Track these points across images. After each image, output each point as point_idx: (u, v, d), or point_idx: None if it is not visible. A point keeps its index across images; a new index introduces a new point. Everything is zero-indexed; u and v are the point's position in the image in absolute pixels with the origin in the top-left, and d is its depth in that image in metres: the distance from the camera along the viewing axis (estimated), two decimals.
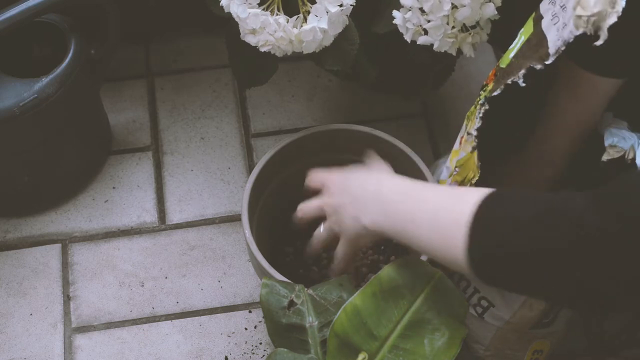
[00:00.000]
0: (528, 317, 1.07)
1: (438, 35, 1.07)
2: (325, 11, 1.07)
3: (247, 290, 1.29)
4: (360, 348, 0.97)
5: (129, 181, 1.39)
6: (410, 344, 0.98)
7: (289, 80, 1.50)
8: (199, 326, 1.26)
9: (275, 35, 1.07)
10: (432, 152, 1.42)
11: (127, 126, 1.45)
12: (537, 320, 1.08)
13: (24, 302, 1.28)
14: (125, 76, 1.49)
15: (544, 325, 1.09)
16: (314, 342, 1.01)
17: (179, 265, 1.31)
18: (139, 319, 1.26)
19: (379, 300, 0.98)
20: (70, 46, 1.26)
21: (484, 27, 1.09)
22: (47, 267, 1.31)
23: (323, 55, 1.12)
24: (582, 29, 0.83)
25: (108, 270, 1.31)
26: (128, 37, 1.39)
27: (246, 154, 1.42)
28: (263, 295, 1.02)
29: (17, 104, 1.20)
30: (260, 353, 1.24)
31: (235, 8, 1.07)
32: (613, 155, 0.94)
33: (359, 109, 1.46)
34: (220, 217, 1.36)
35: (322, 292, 1.03)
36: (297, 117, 1.46)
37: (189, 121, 1.45)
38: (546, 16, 0.93)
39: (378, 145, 1.20)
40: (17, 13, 1.17)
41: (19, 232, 1.34)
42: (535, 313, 1.06)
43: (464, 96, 1.47)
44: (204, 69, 1.51)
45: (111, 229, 1.35)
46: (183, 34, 1.54)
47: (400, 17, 1.08)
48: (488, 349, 1.13)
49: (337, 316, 0.98)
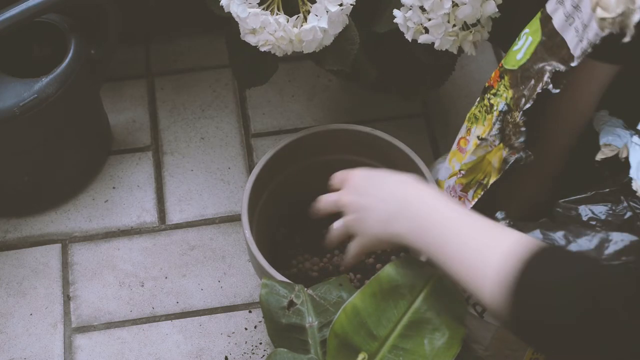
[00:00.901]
0: None
1: (439, 34, 1.07)
2: (325, 11, 1.07)
3: (247, 290, 1.29)
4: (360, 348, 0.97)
5: (129, 181, 1.39)
6: (410, 344, 0.98)
7: (289, 80, 1.50)
8: (199, 326, 1.26)
9: (275, 34, 1.07)
10: (432, 152, 1.42)
11: (127, 126, 1.45)
12: None
13: (24, 302, 1.28)
14: (125, 76, 1.49)
15: None
16: (314, 342, 1.01)
17: (179, 265, 1.31)
18: (139, 319, 1.26)
19: (378, 300, 0.98)
20: (70, 46, 1.26)
21: (484, 25, 1.09)
22: (47, 267, 1.31)
23: (323, 55, 1.12)
24: (608, 30, 0.83)
25: (108, 270, 1.31)
26: (128, 37, 1.39)
27: (246, 154, 1.42)
28: (263, 295, 1.02)
29: (17, 104, 1.20)
30: (260, 353, 1.24)
31: (235, 8, 1.07)
32: (607, 154, 0.94)
33: (359, 109, 1.46)
34: (220, 217, 1.36)
35: (322, 292, 1.03)
36: (297, 117, 1.46)
37: (189, 121, 1.45)
38: (557, 16, 0.93)
39: (378, 145, 1.20)
40: (17, 13, 1.17)
41: (19, 232, 1.34)
42: None
43: (464, 96, 1.47)
44: (204, 69, 1.51)
45: (111, 229, 1.35)
46: (183, 34, 1.54)
47: (401, 15, 1.08)
48: (488, 349, 1.13)
49: (337, 316, 0.98)
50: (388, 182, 0.96)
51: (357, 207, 0.97)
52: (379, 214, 0.94)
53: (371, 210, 0.95)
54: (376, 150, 1.21)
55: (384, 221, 0.93)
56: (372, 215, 0.95)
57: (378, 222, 0.94)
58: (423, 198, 0.91)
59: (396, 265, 0.99)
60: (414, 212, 0.90)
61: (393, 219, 0.91)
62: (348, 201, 0.99)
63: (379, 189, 0.95)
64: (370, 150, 1.21)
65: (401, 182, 0.95)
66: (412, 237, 0.90)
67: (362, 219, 0.96)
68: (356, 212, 0.97)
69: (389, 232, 0.92)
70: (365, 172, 1.00)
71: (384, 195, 0.94)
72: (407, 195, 0.92)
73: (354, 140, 1.21)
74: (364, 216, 0.96)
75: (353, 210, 0.98)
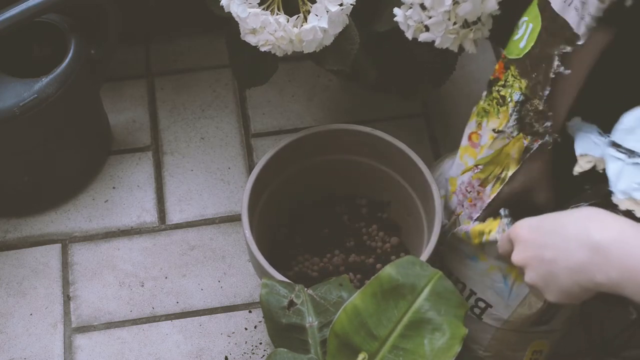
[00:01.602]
0: (527, 315, 1.07)
1: (440, 32, 1.07)
2: (325, 10, 1.07)
3: (247, 290, 1.29)
4: (360, 348, 0.97)
5: (129, 181, 1.39)
6: (410, 344, 0.98)
7: (289, 80, 1.50)
8: (199, 326, 1.26)
9: (275, 34, 1.07)
10: (432, 152, 1.42)
11: (127, 126, 1.44)
12: (536, 319, 1.08)
13: (24, 302, 1.28)
14: (125, 76, 1.49)
15: (543, 322, 1.09)
16: (314, 342, 1.01)
17: (179, 265, 1.31)
18: (139, 319, 1.26)
19: (379, 300, 0.98)
20: (70, 46, 1.26)
21: (485, 23, 1.09)
22: (47, 267, 1.31)
23: (323, 54, 1.12)
24: (609, 0, 0.84)
25: (108, 270, 1.31)
26: (128, 37, 1.39)
27: (246, 154, 1.42)
28: (263, 295, 1.02)
29: (17, 104, 1.20)
30: (260, 353, 1.24)
31: (235, 8, 1.07)
32: (584, 167, 0.93)
33: (359, 109, 1.46)
34: (220, 217, 1.36)
35: (322, 292, 1.03)
36: (297, 117, 1.46)
37: (189, 121, 1.45)
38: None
39: (378, 145, 1.20)
40: (17, 13, 1.17)
41: (19, 232, 1.34)
42: (534, 311, 1.06)
43: (464, 96, 1.47)
44: (204, 69, 1.51)
45: (111, 229, 1.35)
46: (183, 34, 1.54)
47: (401, 14, 1.08)
48: (487, 349, 1.13)
49: (337, 316, 0.98)
50: (564, 224, 0.82)
51: (538, 263, 0.84)
52: (567, 264, 0.80)
53: (556, 263, 0.82)
54: (376, 150, 1.21)
55: (577, 272, 0.80)
56: (559, 268, 0.81)
57: (570, 274, 0.80)
58: (615, 236, 0.78)
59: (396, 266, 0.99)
60: (613, 257, 0.77)
61: (586, 268, 0.79)
62: (524, 259, 0.86)
63: (557, 236, 0.82)
64: (370, 150, 1.21)
65: (579, 219, 0.81)
66: (622, 284, 0.76)
67: (549, 274, 0.83)
68: (539, 267, 0.84)
69: (585, 284, 0.79)
70: (534, 222, 0.86)
71: (566, 243, 0.81)
72: (593, 236, 0.79)
73: (354, 140, 1.21)
74: (550, 270, 0.83)
75: (535, 268, 0.85)
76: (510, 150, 1.02)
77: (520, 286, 1.05)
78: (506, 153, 1.02)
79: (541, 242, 0.84)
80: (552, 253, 0.82)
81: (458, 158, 1.11)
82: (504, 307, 1.08)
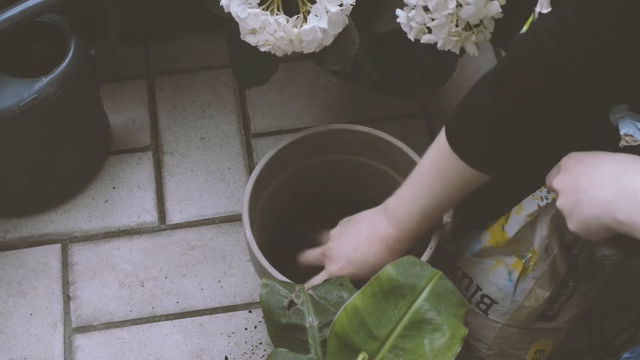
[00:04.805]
0: (534, 308, 1.07)
1: (442, 34, 1.07)
2: (325, 11, 1.07)
3: (247, 290, 1.29)
4: (360, 348, 0.97)
5: (129, 181, 1.39)
6: (410, 344, 0.98)
7: (289, 80, 1.50)
8: (199, 326, 1.26)
9: (275, 35, 1.07)
10: None
11: (127, 126, 1.44)
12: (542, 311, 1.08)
13: (24, 302, 1.28)
14: (125, 76, 1.49)
15: (548, 318, 1.09)
16: (314, 342, 1.01)
17: (179, 265, 1.31)
18: (139, 319, 1.26)
19: (379, 300, 0.98)
20: (70, 46, 1.26)
21: (487, 26, 1.09)
22: (47, 267, 1.31)
23: (323, 55, 1.12)
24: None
25: (108, 270, 1.31)
26: (128, 37, 1.39)
27: (246, 154, 1.42)
28: (263, 295, 1.02)
29: (17, 104, 1.20)
30: (260, 353, 1.24)
31: (235, 8, 1.07)
32: (630, 142, 0.94)
33: (359, 109, 1.46)
34: (220, 217, 1.36)
35: (322, 292, 1.03)
36: (297, 117, 1.46)
37: (189, 121, 1.45)
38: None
39: (378, 145, 1.20)
40: (17, 13, 1.17)
41: (19, 232, 1.34)
42: (540, 303, 1.06)
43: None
44: (204, 69, 1.51)
45: (111, 229, 1.35)
46: (183, 34, 1.54)
47: (404, 15, 1.08)
48: (491, 347, 1.13)
49: (337, 316, 0.98)
50: (604, 161, 0.88)
51: (570, 190, 0.90)
52: (594, 197, 0.86)
53: (585, 193, 0.87)
54: (376, 150, 1.21)
55: (600, 206, 0.85)
56: (586, 199, 0.87)
57: (594, 207, 0.86)
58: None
59: (397, 265, 0.99)
60: (638, 200, 0.82)
61: (610, 206, 0.84)
62: (562, 184, 0.91)
63: (594, 171, 0.88)
64: (371, 150, 1.21)
65: (618, 161, 0.87)
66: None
67: (576, 202, 0.88)
68: (570, 194, 0.90)
69: (605, 220, 0.85)
70: (582, 155, 0.92)
71: (599, 178, 0.87)
72: (626, 177, 0.84)
73: (354, 140, 1.21)
74: (578, 199, 0.88)
75: (566, 194, 0.90)
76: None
77: (525, 281, 1.05)
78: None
79: (580, 172, 0.89)
80: (585, 184, 0.87)
81: None
82: (510, 303, 1.08)
